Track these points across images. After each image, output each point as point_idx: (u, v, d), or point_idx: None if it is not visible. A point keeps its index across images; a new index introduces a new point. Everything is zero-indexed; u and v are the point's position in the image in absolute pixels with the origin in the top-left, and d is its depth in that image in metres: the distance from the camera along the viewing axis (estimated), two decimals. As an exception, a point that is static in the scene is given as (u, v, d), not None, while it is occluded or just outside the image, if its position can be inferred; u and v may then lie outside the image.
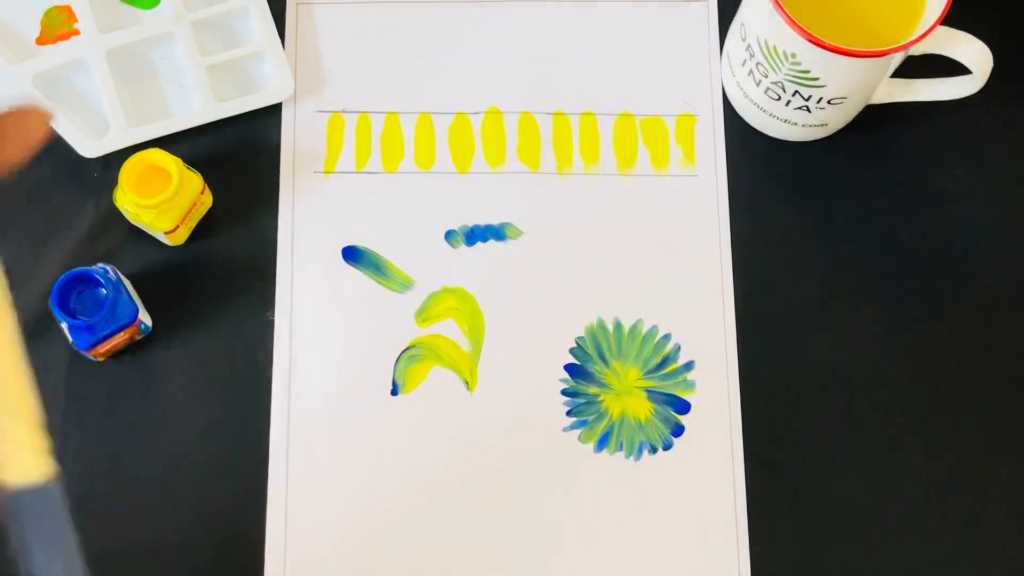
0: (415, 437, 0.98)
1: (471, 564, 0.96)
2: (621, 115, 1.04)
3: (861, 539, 0.96)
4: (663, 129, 1.04)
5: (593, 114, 1.04)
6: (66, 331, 0.95)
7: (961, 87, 0.97)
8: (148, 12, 1.04)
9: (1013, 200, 1.04)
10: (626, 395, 0.99)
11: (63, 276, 0.94)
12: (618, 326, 1.00)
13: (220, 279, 1.01)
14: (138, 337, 0.98)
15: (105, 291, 0.94)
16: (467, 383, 0.99)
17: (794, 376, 0.99)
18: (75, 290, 0.95)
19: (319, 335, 1.00)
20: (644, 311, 1.00)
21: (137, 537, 0.95)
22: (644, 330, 1.00)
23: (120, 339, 0.96)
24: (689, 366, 0.99)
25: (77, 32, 1.03)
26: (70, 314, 0.94)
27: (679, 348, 1.00)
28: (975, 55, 0.93)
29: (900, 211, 1.03)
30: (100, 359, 0.98)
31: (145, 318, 0.97)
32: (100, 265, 0.96)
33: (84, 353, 0.96)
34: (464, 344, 1.00)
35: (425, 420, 0.98)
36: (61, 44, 1.03)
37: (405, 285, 1.00)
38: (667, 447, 0.98)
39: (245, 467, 0.97)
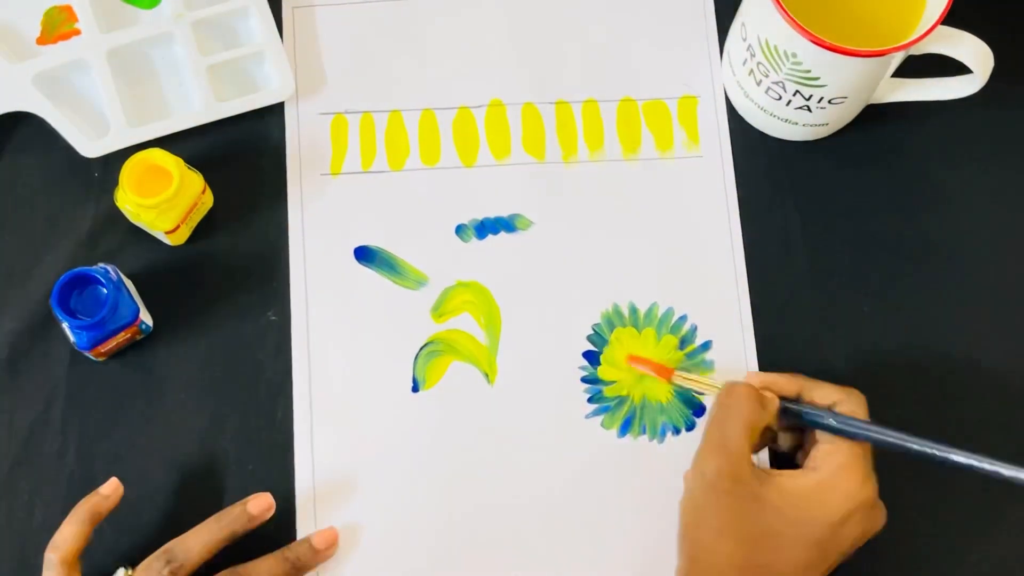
0: (438, 432, 0.97)
1: (500, 555, 0.96)
2: (623, 100, 1.05)
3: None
4: (666, 112, 1.05)
5: (595, 101, 1.05)
6: (67, 331, 0.93)
7: (961, 87, 0.98)
8: (148, 12, 1.04)
9: (1013, 200, 1.05)
10: (646, 378, 0.99)
11: (64, 276, 0.93)
12: (633, 310, 1.00)
13: (221, 279, 1.00)
14: (139, 337, 0.97)
15: (106, 291, 0.93)
16: (487, 376, 0.99)
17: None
18: (76, 290, 0.93)
19: (337, 336, 0.99)
20: (658, 294, 1.01)
21: (141, 537, 0.94)
22: (659, 313, 1.00)
23: (121, 338, 0.95)
24: (707, 346, 1.00)
25: (78, 32, 1.02)
26: (71, 314, 0.93)
27: (695, 328, 1.00)
28: (975, 55, 0.94)
29: (900, 210, 1.04)
30: (101, 359, 0.96)
31: (146, 317, 0.96)
32: (101, 265, 0.95)
33: (85, 353, 0.94)
34: (481, 337, 1.00)
35: (447, 415, 0.98)
36: (62, 44, 1.02)
37: (419, 282, 1.00)
38: (690, 427, 0.98)
39: (245, 465, 0.97)
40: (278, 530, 0.95)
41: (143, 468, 0.96)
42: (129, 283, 0.97)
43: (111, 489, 0.92)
